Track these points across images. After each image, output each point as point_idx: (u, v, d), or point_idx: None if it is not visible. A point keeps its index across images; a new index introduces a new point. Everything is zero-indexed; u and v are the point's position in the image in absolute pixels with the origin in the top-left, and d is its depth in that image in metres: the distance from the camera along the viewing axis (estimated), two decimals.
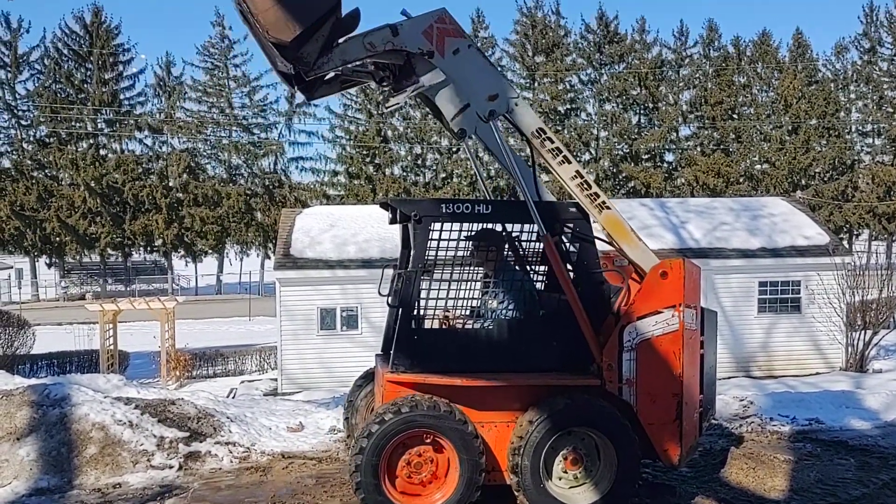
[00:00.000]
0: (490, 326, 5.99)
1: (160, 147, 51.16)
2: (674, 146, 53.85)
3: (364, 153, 50.86)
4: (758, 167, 51.89)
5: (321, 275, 18.74)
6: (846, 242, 47.81)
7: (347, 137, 51.76)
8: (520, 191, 6.01)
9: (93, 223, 47.26)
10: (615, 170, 52.17)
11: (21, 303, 42.34)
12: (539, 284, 6.55)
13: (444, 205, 5.80)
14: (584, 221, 5.99)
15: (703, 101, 52.34)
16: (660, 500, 6.30)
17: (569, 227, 5.97)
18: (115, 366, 20.77)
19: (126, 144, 50.73)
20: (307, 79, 5.61)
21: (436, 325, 6.23)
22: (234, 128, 52.34)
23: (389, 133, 51.56)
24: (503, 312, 6.11)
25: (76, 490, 6.70)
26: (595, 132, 52.77)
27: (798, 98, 50.55)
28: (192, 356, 22.26)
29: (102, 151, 50.15)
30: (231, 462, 7.36)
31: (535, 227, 6.11)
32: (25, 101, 49.40)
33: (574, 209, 6.00)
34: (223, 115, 52.34)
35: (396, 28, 5.66)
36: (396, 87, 6.00)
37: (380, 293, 6.41)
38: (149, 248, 51.58)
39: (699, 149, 52.30)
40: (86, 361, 21.56)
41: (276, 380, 19.35)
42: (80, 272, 52.82)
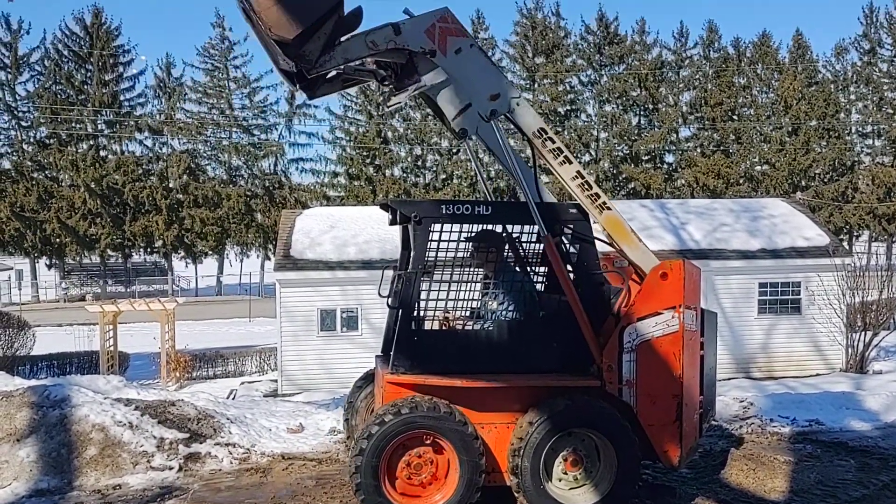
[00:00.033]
0: (490, 327, 5.98)
1: (160, 148, 51.20)
2: (674, 147, 53.88)
3: (364, 154, 50.87)
4: (758, 168, 51.88)
5: (321, 276, 18.74)
6: (846, 244, 47.82)
7: (347, 138, 51.77)
8: (521, 191, 6.00)
9: (93, 224, 47.26)
10: (615, 171, 52.17)
11: (21, 304, 42.33)
12: (539, 285, 6.55)
13: (444, 206, 5.79)
14: (585, 222, 5.98)
15: (703, 103, 52.35)
16: (660, 502, 6.30)
17: (569, 228, 5.97)
18: (115, 367, 20.76)
19: (126, 146, 50.79)
20: (309, 77, 5.60)
21: (436, 327, 6.22)
22: (235, 129, 52.35)
23: (389, 134, 51.57)
24: (503, 313, 6.10)
25: (76, 491, 6.70)
26: (595, 133, 52.78)
27: (798, 99, 50.55)
28: (192, 357, 22.26)
29: (102, 153, 50.18)
30: (231, 463, 7.35)
31: (535, 229, 6.11)
32: (26, 103, 49.44)
33: (574, 210, 5.99)
34: (223, 117, 52.35)
35: (399, 27, 5.65)
36: (398, 86, 5.99)
37: (380, 294, 6.40)
38: (149, 250, 51.58)
39: (699, 150, 52.30)
40: (86, 362, 21.56)
41: (276, 381, 19.36)
42: (81, 273, 52.85)
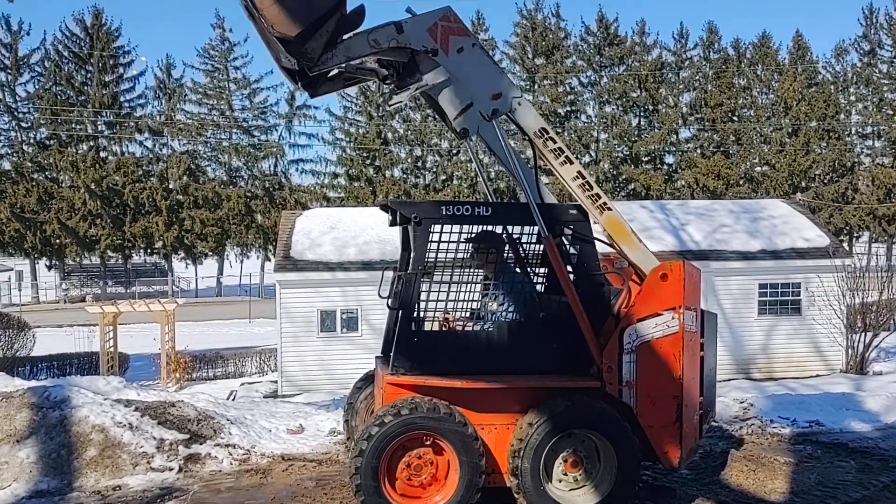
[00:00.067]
0: (490, 328, 5.98)
1: (160, 149, 51.20)
2: (674, 148, 53.90)
3: (364, 155, 50.88)
4: (758, 169, 51.88)
5: (321, 277, 18.73)
6: (846, 244, 47.80)
7: (347, 139, 51.77)
8: (522, 192, 5.99)
9: (93, 225, 47.27)
10: (615, 172, 52.16)
11: (21, 305, 42.34)
12: (539, 286, 6.55)
13: (444, 207, 5.79)
14: (585, 223, 5.98)
15: (703, 104, 52.36)
16: (660, 502, 6.29)
17: (569, 229, 5.97)
18: (115, 368, 20.75)
19: (126, 146, 50.78)
20: (311, 75, 5.59)
21: (436, 328, 6.21)
22: (235, 130, 52.35)
23: (389, 135, 51.58)
24: (503, 314, 6.10)
25: (76, 492, 6.69)
26: (595, 134, 52.78)
27: (798, 100, 50.55)
28: (192, 358, 22.24)
29: (103, 153, 50.18)
30: (231, 464, 7.35)
31: (535, 229, 6.11)
32: (26, 104, 49.47)
33: (574, 211, 5.99)
34: (223, 118, 52.35)
35: (401, 25, 5.65)
36: (400, 85, 5.98)
37: (380, 295, 6.39)
38: (149, 251, 51.59)
39: (699, 151, 52.31)
40: (86, 363, 21.53)
41: (276, 382, 19.35)
42: (81, 274, 52.86)
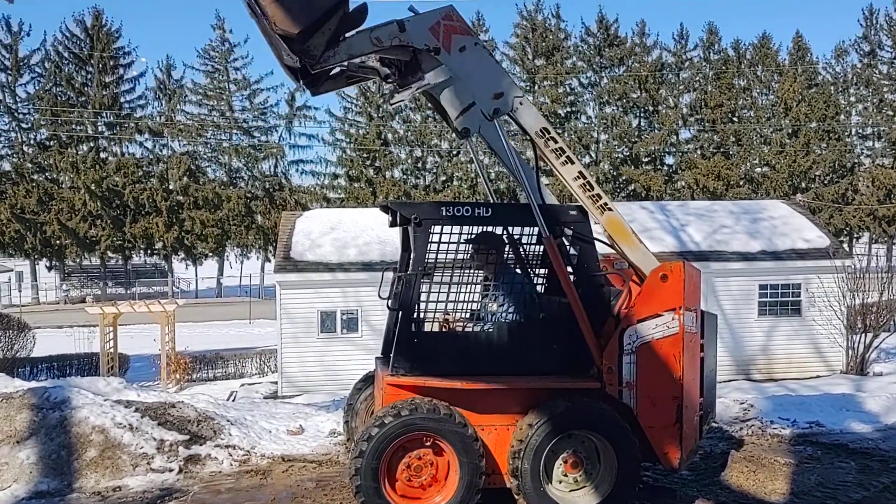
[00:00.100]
0: (490, 329, 5.98)
1: (160, 150, 51.17)
2: (674, 149, 53.89)
3: (364, 156, 50.89)
4: (758, 170, 51.88)
5: (321, 278, 18.73)
6: (846, 245, 47.79)
7: (348, 140, 51.78)
8: (522, 192, 5.99)
9: (93, 226, 47.27)
10: (615, 173, 52.16)
11: (21, 306, 42.31)
12: (539, 287, 6.55)
13: (444, 208, 5.79)
14: (585, 224, 5.98)
15: (704, 104, 52.36)
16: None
17: (570, 230, 5.96)
18: (115, 369, 20.74)
19: (126, 147, 50.74)
20: (313, 73, 5.59)
21: (436, 328, 6.21)
22: (235, 131, 52.34)
23: (390, 136, 51.59)
24: (503, 315, 6.10)
25: (76, 493, 6.69)
26: (595, 135, 52.78)
27: (798, 101, 50.56)
28: (193, 359, 22.22)
29: (103, 154, 50.16)
30: (231, 465, 7.35)
31: (535, 230, 6.10)
32: (26, 104, 49.47)
33: (575, 211, 5.99)
34: (223, 118, 52.36)
35: (403, 24, 5.65)
36: (401, 84, 5.97)
37: (380, 296, 6.39)
38: (149, 251, 51.59)
39: (699, 152, 52.31)
40: (86, 364, 21.51)
41: (277, 383, 19.33)
42: (81, 275, 52.84)
